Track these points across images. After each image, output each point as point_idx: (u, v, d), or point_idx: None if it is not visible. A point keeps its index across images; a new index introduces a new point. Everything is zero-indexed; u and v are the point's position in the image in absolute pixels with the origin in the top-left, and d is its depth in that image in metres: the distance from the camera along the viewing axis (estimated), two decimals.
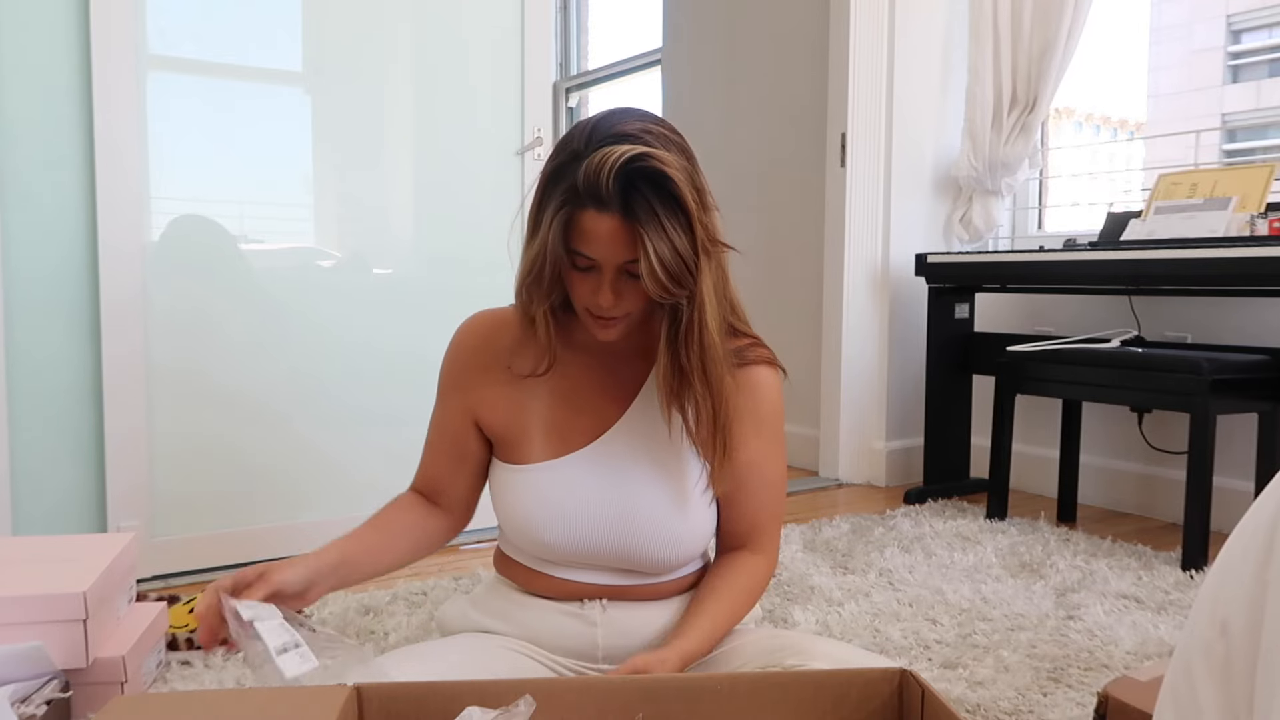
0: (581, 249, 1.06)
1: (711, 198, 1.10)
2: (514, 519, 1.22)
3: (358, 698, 0.93)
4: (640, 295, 1.09)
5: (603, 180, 1.01)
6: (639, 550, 1.19)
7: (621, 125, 1.06)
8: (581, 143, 1.05)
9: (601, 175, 1.01)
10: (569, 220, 1.05)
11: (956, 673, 1.54)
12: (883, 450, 3.13)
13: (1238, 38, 11.66)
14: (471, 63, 2.44)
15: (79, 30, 1.97)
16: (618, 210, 1.02)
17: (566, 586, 1.23)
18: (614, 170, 1.00)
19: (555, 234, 1.05)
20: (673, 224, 1.03)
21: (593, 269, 1.08)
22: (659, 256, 1.02)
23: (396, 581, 2.05)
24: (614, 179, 1.01)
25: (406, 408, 2.37)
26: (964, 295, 2.96)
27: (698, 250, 1.05)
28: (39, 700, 1.24)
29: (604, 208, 1.02)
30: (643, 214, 1.02)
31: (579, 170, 1.03)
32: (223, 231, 2.15)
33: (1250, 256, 2.13)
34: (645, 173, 1.01)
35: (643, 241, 1.02)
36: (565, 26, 5.56)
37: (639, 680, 0.97)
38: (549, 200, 1.07)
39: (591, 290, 1.09)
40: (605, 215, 1.03)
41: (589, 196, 1.02)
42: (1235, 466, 2.54)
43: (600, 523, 1.18)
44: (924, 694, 0.92)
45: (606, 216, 1.03)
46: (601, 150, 1.02)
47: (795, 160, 3.45)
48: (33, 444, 1.98)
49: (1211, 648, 0.61)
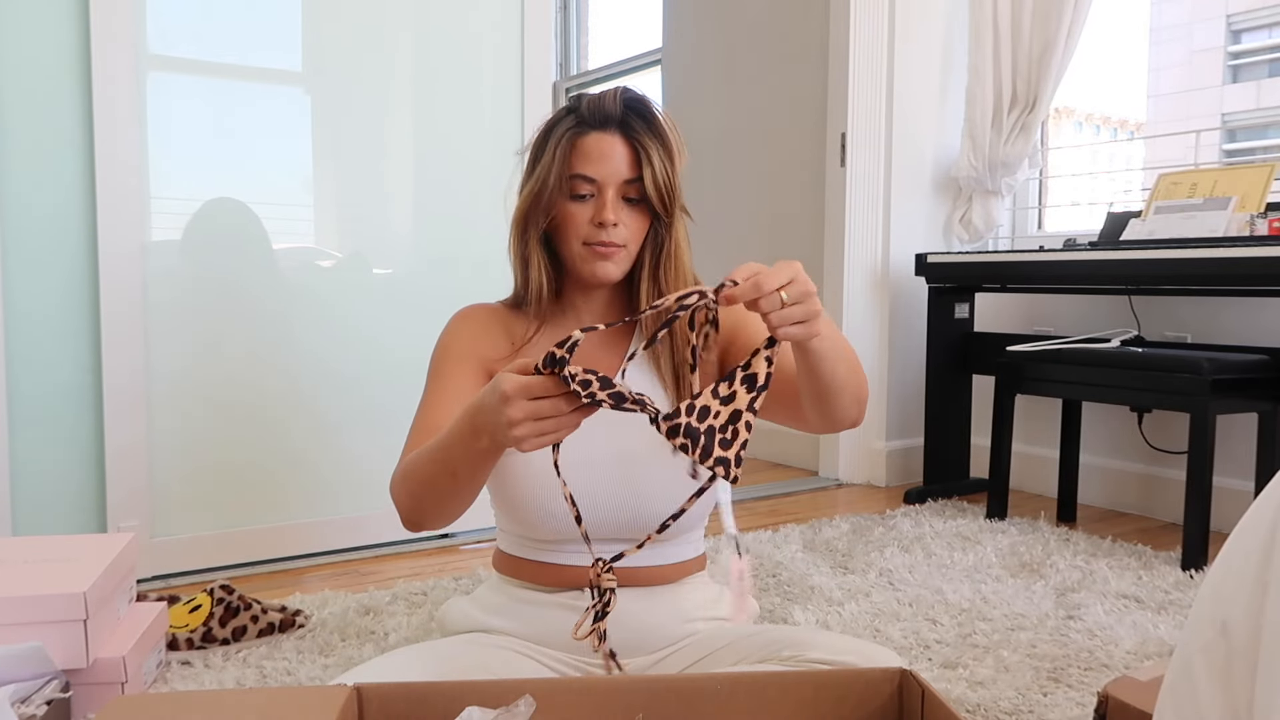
0: (585, 171, 1.17)
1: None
2: (517, 492, 1.20)
3: (358, 698, 0.93)
4: (636, 222, 1.20)
5: (606, 103, 1.18)
6: (644, 507, 1.19)
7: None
8: (575, 100, 1.22)
9: (605, 100, 1.18)
10: (572, 145, 1.18)
11: (956, 673, 1.54)
12: (883, 450, 3.13)
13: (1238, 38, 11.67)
14: (471, 62, 2.44)
15: (79, 30, 1.97)
16: (619, 131, 1.18)
17: (567, 573, 1.23)
18: (618, 96, 1.18)
19: (559, 159, 1.18)
20: (662, 151, 1.18)
21: (592, 197, 1.18)
22: (655, 170, 1.17)
23: (396, 582, 2.05)
24: (619, 103, 1.18)
25: (406, 408, 2.37)
26: (964, 295, 2.96)
27: (675, 183, 1.20)
28: (39, 700, 1.24)
29: (607, 127, 1.18)
30: (642, 134, 1.18)
31: (580, 106, 1.19)
32: (223, 231, 2.15)
33: (1250, 256, 2.13)
34: (640, 105, 1.19)
35: (646, 154, 1.17)
36: (565, 26, 5.56)
37: (639, 680, 0.97)
38: (550, 137, 1.20)
39: (591, 217, 1.18)
40: (608, 134, 1.17)
41: (593, 120, 1.18)
42: (1235, 466, 2.54)
43: (605, 485, 1.19)
44: (924, 694, 0.92)
45: (609, 135, 1.17)
46: (600, 89, 1.20)
47: (795, 160, 3.45)
48: (33, 444, 1.98)
49: (1212, 648, 0.61)
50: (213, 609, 1.66)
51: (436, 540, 2.42)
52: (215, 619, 1.65)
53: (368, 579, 2.11)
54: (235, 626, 1.66)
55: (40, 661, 1.27)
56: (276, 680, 1.51)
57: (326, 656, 1.61)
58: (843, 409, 1.10)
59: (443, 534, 2.44)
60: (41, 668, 1.28)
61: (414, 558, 2.28)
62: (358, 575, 2.14)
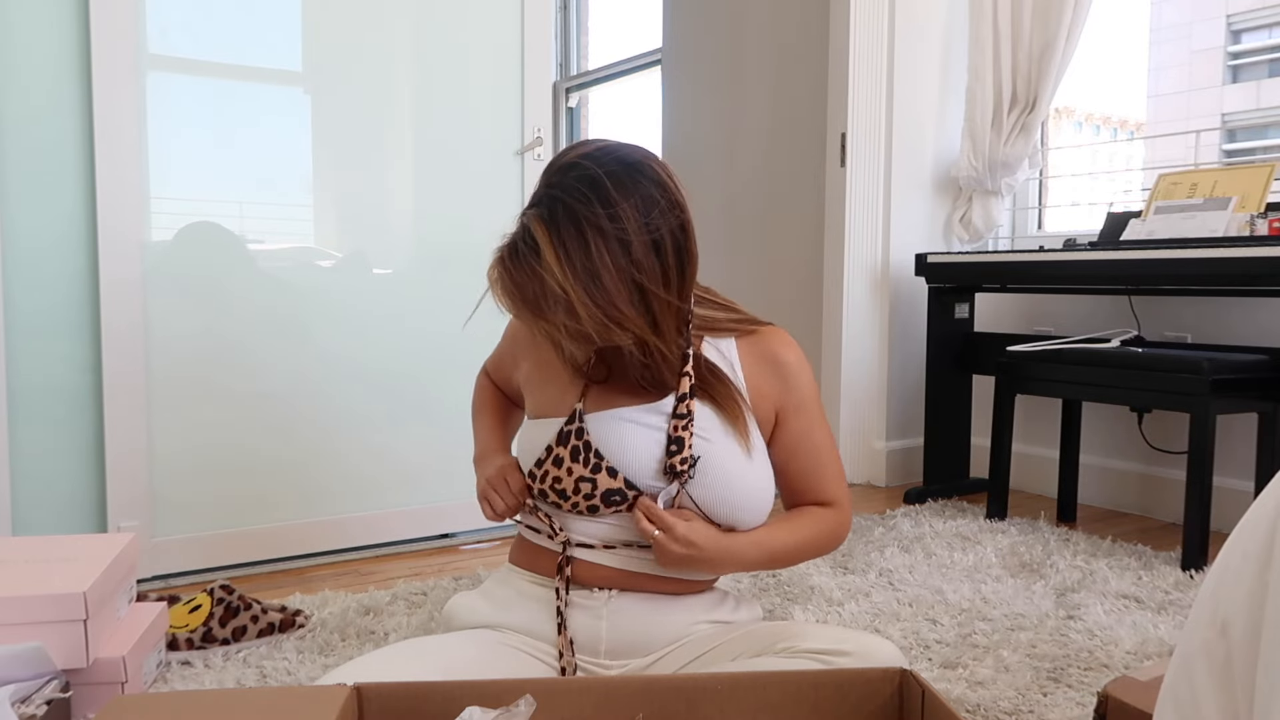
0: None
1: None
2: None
3: (358, 698, 0.93)
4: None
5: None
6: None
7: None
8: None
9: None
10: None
11: (956, 673, 1.54)
12: (883, 450, 3.13)
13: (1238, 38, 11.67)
14: (471, 62, 2.44)
15: (79, 30, 1.97)
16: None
17: (577, 568, 1.24)
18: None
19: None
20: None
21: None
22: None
23: (396, 582, 2.05)
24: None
25: (407, 408, 2.37)
26: (964, 295, 2.96)
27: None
28: (39, 700, 1.24)
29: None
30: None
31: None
32: (223, 232, 2.15)
33: (1250, 256, 2.13)
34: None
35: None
36: (565, 26, 5.56)
37: (639, 680, 0.97)
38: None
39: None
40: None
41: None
42: (1235, 466, 2.54)
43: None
44: (924, 694, 0.92)
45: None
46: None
47: (795, 160, 3.45)
48: (33, 444, 1.98)
49: (1212, 648, 0.61)
50: (213, 609, 1.66)
51: (437, 540, 2.42)
52: (215, 619, 1.65)
53: (368, 579, 2.11)
54: (235, 626, 1.66)
55: (40, 661, 1.27)
56: (276, 680, 1.51)
57: (326, 656, 1.61)
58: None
59: (443, 534, 2.44)
60: (41, 668, 1.28)
61: (414, 558, 2.28)
62: (358, 575, 2.14)
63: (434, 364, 2.38)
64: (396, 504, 2.38)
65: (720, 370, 1.26)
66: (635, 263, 1.12)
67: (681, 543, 1.16)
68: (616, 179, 1.12)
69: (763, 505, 1.25)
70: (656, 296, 1.15)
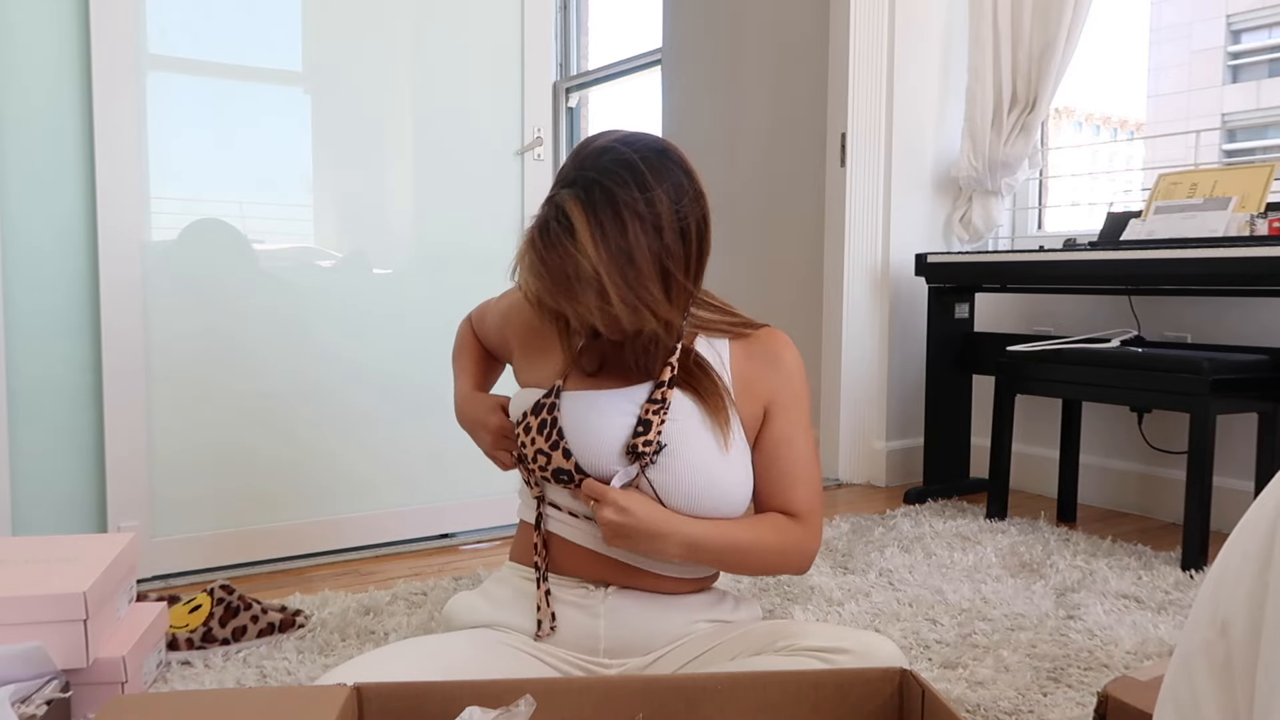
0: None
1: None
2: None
3: (358, 698, 0.93)
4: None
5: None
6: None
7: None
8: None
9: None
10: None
11: (956, 673, 1.55)
12: (883, 450, 3.13)
13: (1238, 38, 11.67)
14: (471, 62, 2.44)
15: (79, 30, 1.97)
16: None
17: (566, 557, 1.24)
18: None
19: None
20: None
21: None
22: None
23: (396, 582, 2.05)
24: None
25: (406, 407, 2.37)
26: (964, 295, 2.96)
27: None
28: (39, 700, 1.24)
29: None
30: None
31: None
32: (223, 232, 2.15)
33: (1250, 256, 2.13)
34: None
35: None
36: (565, 26, 5.56)
37: (639, 679, 0.97)
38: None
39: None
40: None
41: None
42: (1235, 466, 2.54)
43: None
44: (924, 694, 0.92)
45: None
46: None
47: (795, 160, 3.45)
48: (33, 444, 1.98)
49: (1212, 648, 0.61)
50: (213, 609, 1.66)
51: (436, 540, 2.42)
52: (215, 619, 1.65)
53: (368, 579, 2.11)
54: (235, 626, 1.66)
55: (40, 661, 1.27)
56: (276, 680, 1.51)
57: (326, 656, 1.61)
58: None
59: (443, 534, 2.44)
60: (41, 668, 1.28)
61: (414, 558, 2.28)
62: (358, 575, 2.14)
63: (434, 364, 2.38)
64: (396, 504, 2.38)
65: (707, 364, 1.26)
66: (666, 247, 1.12)
67: (614, 508, 1.15)
68: (651, 164, 1.13)
69: (726, 503, 1.21)
70: (678, 283, 1.15)
